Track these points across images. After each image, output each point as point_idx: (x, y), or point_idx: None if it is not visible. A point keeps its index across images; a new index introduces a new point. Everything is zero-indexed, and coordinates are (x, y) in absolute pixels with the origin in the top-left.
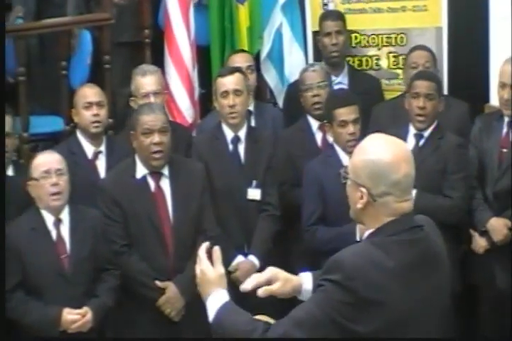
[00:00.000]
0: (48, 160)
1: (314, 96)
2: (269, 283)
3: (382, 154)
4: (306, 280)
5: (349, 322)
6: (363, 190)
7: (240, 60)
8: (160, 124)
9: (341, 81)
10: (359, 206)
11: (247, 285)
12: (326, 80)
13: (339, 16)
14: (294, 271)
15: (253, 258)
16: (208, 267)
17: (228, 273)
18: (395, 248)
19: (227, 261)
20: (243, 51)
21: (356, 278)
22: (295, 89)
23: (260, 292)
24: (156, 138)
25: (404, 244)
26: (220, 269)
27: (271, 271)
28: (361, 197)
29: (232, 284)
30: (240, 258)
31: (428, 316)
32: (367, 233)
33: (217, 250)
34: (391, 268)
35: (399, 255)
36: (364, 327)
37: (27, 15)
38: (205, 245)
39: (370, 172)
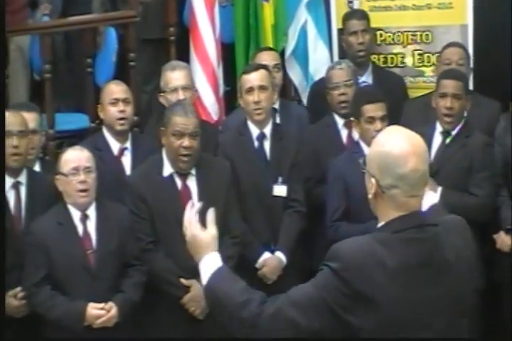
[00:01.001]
0: (77, 157)
1: (341, 94)
2: None
3: (392, 146)
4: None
5: (342, 310)
6: (373, 180)
7: (266, 58)
8: (191, 128)
9: (366, 80)
10: (369, 196)
11: None
12: (352, 78)
13: (364, 15)
14: (316, 267)
15: (280, 255)
16: (199, 230)
17: (255, 269)
18: (398, 246)
19: (254, 258)
20: (270, 49)
21: (351, 270)
22: (320, 87)
23: None
24: (186, 141)
25: (408, 243)
26: (213, 230)
27: None
28: (371, 187)
29: (259, 280)
30: (266, 255)
31: (429, 321)
32: (378, 225)
33: (211, 211)
34: (392, 268)
35: (401, 253)
36: (355, 318)
37: (53, 13)
38: (190, 205)
39: (380, 164)
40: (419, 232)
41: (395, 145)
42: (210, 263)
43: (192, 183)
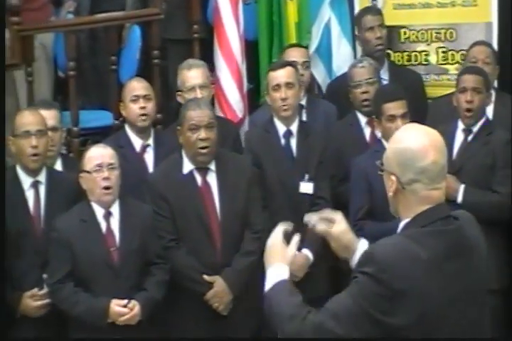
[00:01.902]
0: (101, 154)
1: (363, 93)
2: (332, 221)
3: (410, 142)
4: (361, 247)
5: (383, 314)
6: (393, 177)
7: (296, 55)
8: (206, 120)
9: (382, 76)
10: (390, 194)
11: (310, 217)
12: (374, 77)
13: (378, 11)
14: (342, 265)
15: (307, 252)
16: (281, 242)
17: None
18: (428, 239)
19: None
20: (300, 46)
21: (388, 270)
22: (337, 85)
23: (319, 227)
24: (202, 133)
25: (437, 235)
26: (293, 249)
27: (339, 215)
28: (391, 185)
29: None
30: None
31: (463, 310)
32: (402, 224)
33: (296, 237)
34: (425, 260)
35: (433, 246)
36: (398, 319)
37: (81, 10)
38: (285, 225)
39: (399, 160)
40: (445, 224)
41: (412, 140)
42: (277, 272)
43: (212, 179)
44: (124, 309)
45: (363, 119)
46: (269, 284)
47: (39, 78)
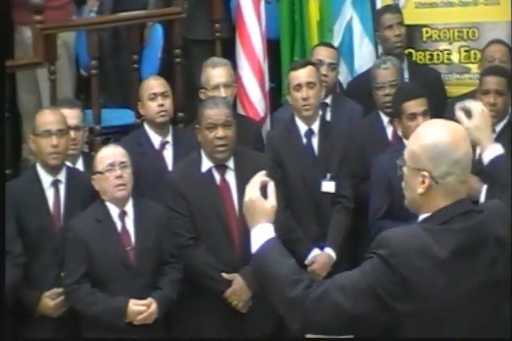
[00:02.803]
0: (112, 154)
1: (386, 95)
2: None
3: (440, 136)
4: (491, 151)
5: (389, 297)
6: (425, 173)
7: (324, 54)
8: (224, 118)
9: None
10: (420, 191)
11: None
12: (397, 79)
13: (397, 9)
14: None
15: (330, 251)
16: (259, 196)
17: (304, 266)
18: (445, 236)
19: (303, 254)
20: (331, 46)
21: (399, 256)
22: (358, 83)
23: (458, 113)
24: (219, 132)
25: (454, 232)
26: (273, 201)
27: (479, 107)
28: (422, 182)
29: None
30: (316, 251)
31: (475, 309)
32: (421, 217)
33: (272, 184)
34: (439, 258)
35: (447, 243)
36: (401, 305)
37: (104, 9)
38: (260, 174)
39: (431, 155)
40: (465, 220)
41: (440, 133)
42: (263, 232)
43: (230, 178)
44: (141, 307)
45: (385, 118)
46: (256, 244)
47: (61, 77)
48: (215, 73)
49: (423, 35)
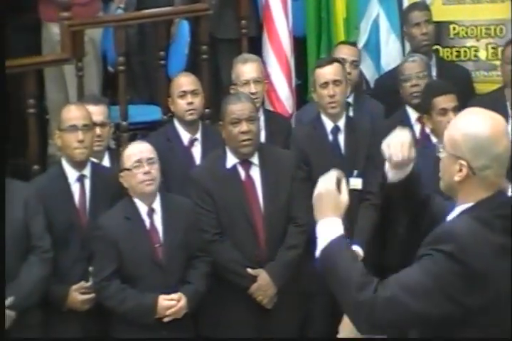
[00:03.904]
0: (138, 150)
1: (413, 86)
2: None
3: (482, 127)
4: None
5: (459, 294)
6: (463, 162)
7: (346, 52)
8: (247, 113)
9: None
10: (457, 179)
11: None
12: (425, 71)
13: (426, 6)
14: (388, 261)
15: (357, 248)
16: (335, 189)
17: None
18: (499, 224)
19: None
20: (352, 44)
21: (469, 251)
22: (385, 81)
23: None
24: (244, 126)
25: (506, 219)
26: (346, 197)
27: None
28: (460, 170)
29: None
30: None
31: None
32: (461, 208)
33: (344, 182)
34: (501, 245)
35: (503, 230)
36: (471, 299)
37: (129, 6)
38: (335, 171)
39: (472, 145)
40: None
41: (484, 125)
42: (331, 227)
43: (255, 173)
44: (171, 302)
45: (413, 116)
46: (324, 240)
47: (88, 73)
48: (246, 69)
49: (450, 31)
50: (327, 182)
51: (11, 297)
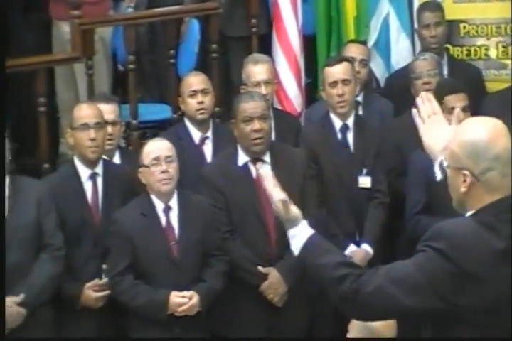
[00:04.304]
0: (157, 148)
1: (424, 83)
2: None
3: (477, 132)
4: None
5: (449, 292)
6: (465, 172)
7: (355, 51)
8: (260, 111)
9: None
10: (463, 190)
11: None
12: (436, 69)
13: (438, 7)
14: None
15: (366, 247)
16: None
17: None
18: (503, 227)
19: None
20: (361, 43)
21: (459, 249)
22: (396, 79)
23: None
24: (256, 125)
25: (510, 223)
26: (281, 193)
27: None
28: (464, 181)
29: None
30: (352, 247)
31: None
32: (469, 214)
33: (266, 170)
34: (501, 249)
35: (507, 234)
36: (463, 298)
37: (140, 4)
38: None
39: (469, 151)
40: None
41: (478, 129)
42: (297, 229)
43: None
44: (183, 299)
45: None
46: (297, 245)
47: (98, 71)
48: (257, 70)
49: (460, 30)
50: (276, 192)
51: (22, 294)
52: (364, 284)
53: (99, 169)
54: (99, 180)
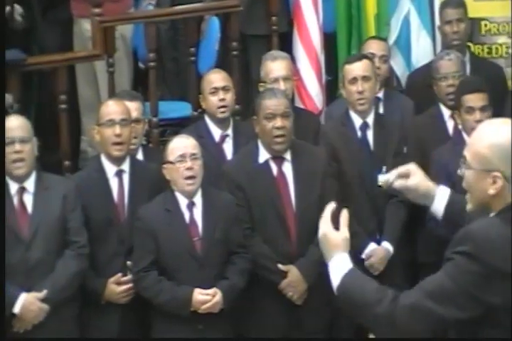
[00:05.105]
0: (183, 145)
1: (449, 86)
2: (407, 176)
3: (506, 135)
4: (441, 195)
5: (482, 293)
6: (497, 174)
7: (376, 47)
8: (282, 109)
9: None
10: (492, 192)
11: (391, 176)
12: (461, 70)
13: (460, 3)
14: (419, 259)
15: (387, 245)
16: (330, 229)
17: (362, 260)
18: None
19: (359, 248)
20: (381, 39)
21: (488, 249)
22: (418, 77)
23: (396, 185)
24: (278, 122)
25: None
26: (345, 232)
27: (413, 165)
28: (493, 182)
29: (364, 271)
30: (372, 246)
31: None
32: (493, 214)
33: (345, 212)
34: None
35: None
36: (495, 297)
37: (161, 2)
38: (331, 206)
39: (502, 154)
40: None
41: (507, 132)
42: (340, 264)
43: (287, 169)
44: (206, 296)
45: (446, 112)
46: (337, 278)
47: (119, 69)
48: (275, 66)
49: (482, 28)
50: (322, 225)
51: (45, 290)
52: (400, 303)
53: (125, 166)
54: (126, 177)
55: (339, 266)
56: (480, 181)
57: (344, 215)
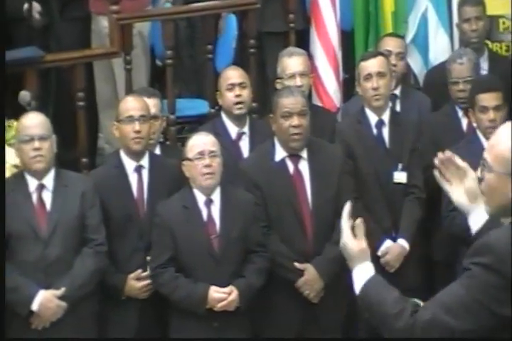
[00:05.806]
0: (202, 142)
1: (460, 91)
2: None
3: None
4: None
5: (499, 306)
6: None
7: (392, 44)
8: (299, 107)
9: (481, 66)
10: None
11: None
12: (473, 75)
13: (478, 1)
14: (435, 256)
15: (403, 242)
16: (349, 239)
17: (377, 257)
18: None
19: (375, 245)
20: (398, 36)
21: (507, 261)
22: (435, 74)
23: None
24: (295, 120)
25: None
26: (362, 244)
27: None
28: None
29: (380, 268)
30: (388, 243)
31: None
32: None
33: (360, 224)
34: None
35: None
36: (509, 310)
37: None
38: (348, 205)
39: None
40: None
41: None
42: (362, 271)
43: (304, 167)
44: (222, 294)
45: (460, 110)
46: (359, 284)
47: (136, 66)
48: (291, 62)
49: (500, 26)
50: (344, 236)
51: (63, 288)
52: (420, 316)
53: (144, 162)
54: (145, 173)
55: (361, 275)
56: (501, 184)
57: (359, 227)
